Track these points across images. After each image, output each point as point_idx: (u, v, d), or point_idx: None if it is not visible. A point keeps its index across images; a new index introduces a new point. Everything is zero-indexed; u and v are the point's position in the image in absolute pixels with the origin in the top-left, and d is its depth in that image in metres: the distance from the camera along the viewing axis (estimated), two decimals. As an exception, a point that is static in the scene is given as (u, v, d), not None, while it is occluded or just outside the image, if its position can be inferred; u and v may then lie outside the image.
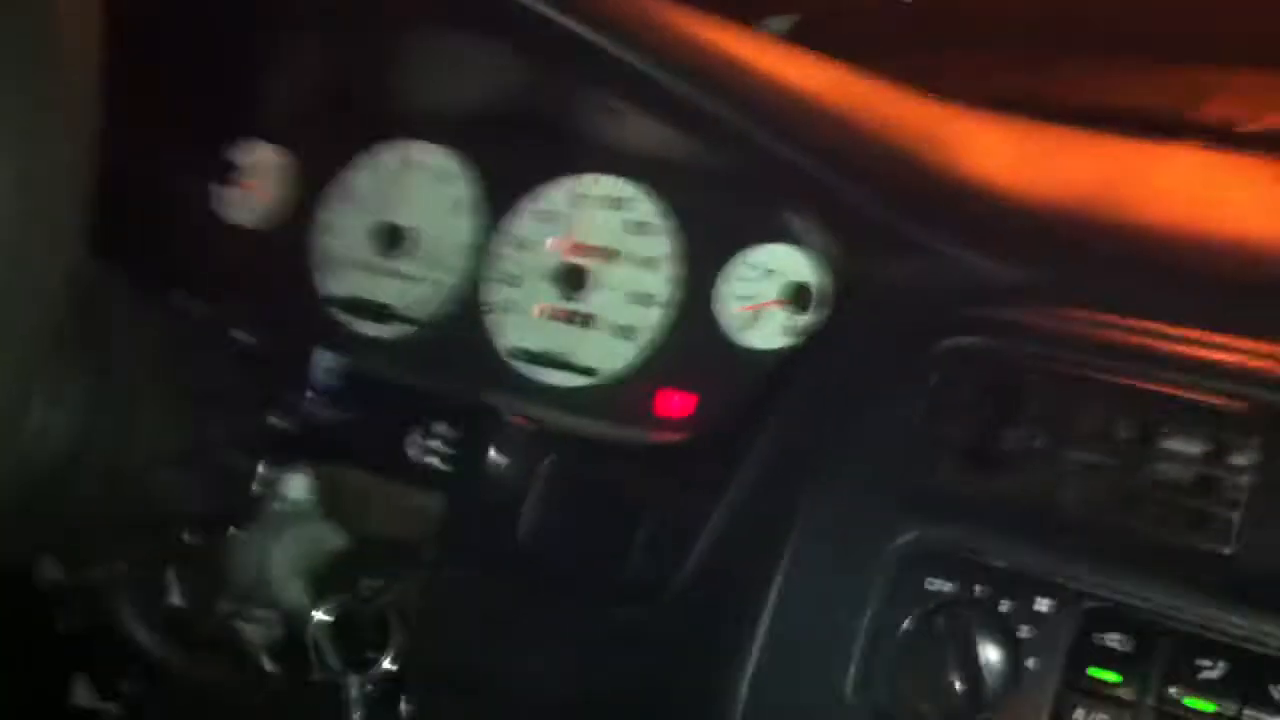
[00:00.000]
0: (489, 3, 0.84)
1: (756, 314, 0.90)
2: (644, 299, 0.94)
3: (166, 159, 1.04)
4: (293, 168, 1.08)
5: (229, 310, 0.83)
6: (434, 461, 0.79)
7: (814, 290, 0.88)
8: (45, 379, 0.65)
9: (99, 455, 0.69)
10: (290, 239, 1.05)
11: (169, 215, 1.05)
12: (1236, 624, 0.62)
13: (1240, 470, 0.64)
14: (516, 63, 0.90)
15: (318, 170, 1.06)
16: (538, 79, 0.91)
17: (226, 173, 1.09)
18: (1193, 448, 0.65)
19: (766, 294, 0.90)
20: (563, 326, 0.96)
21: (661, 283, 0.94)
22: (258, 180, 1.09)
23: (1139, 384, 0.66)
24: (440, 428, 0.79)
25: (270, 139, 1.09)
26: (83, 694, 1.04)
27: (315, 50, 1.05)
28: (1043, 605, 0.64)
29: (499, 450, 0.80)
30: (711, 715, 0.69)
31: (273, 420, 0.81)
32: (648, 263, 0.95)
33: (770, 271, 0.90)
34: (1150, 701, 0.61)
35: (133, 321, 0.73)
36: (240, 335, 0.80)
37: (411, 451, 0.79)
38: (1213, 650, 0.61)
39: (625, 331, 0.94)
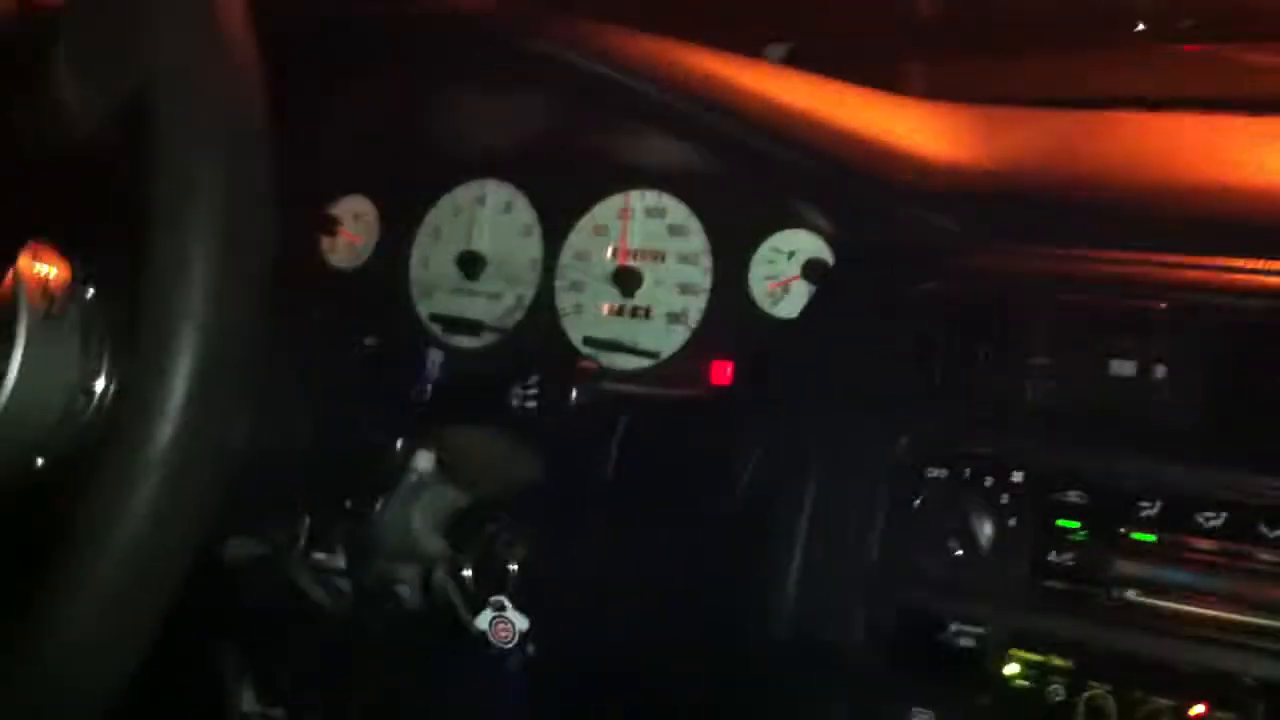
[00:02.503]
0: (524, 56, 1.04)
1: (783, 289, 1.09)
2: (689, 289, 1.13)
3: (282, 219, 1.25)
4: (381, 214, 1.29)
5: (353, 327, 1.03)
6: (530, 405, 0.97)
7: (827, 263, 1.06)
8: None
9: (278, 449, 0.89)
10: (388, 273, 1.25)
11: (294, 264, 1.26)
12: (1169, 477, 0.79)
13: (1165, 364, 0.82)
14: (559, 104, 1.10)
15: (402, 214, 1.27)
16: (579, 116, 1.11)
17: (329, 225, 1.30)
18: (1126, 347, 0.83)
19: (789, 271, 1.09)
20: (625, 319, 1.16)
21: (701, 274, 1.13)
22: (355, 228, 1.30)
23: (1077, 301, 0.84)
24: (533, 381, 0.98)
25: (360, 192, 1.30)
26: (249, 699, 1.23)
27: (389, 115, 1.26)
28: (1017, 477, 0.82)
29: (581, 397, 0.99)
30: (772, 589, 0.87)
31: (397, 407, 1.01)
32: (688, 258, 1.14)
33: (790, 253, 1.09)
34: (1104, 539, 0.79)
35: (287, 342, 0.94)
36: (369, 342, 1.00)
37: (513, 402, 0.98)
38: (1149, 497, 0.79)
39: (676, 318, 1.14)
